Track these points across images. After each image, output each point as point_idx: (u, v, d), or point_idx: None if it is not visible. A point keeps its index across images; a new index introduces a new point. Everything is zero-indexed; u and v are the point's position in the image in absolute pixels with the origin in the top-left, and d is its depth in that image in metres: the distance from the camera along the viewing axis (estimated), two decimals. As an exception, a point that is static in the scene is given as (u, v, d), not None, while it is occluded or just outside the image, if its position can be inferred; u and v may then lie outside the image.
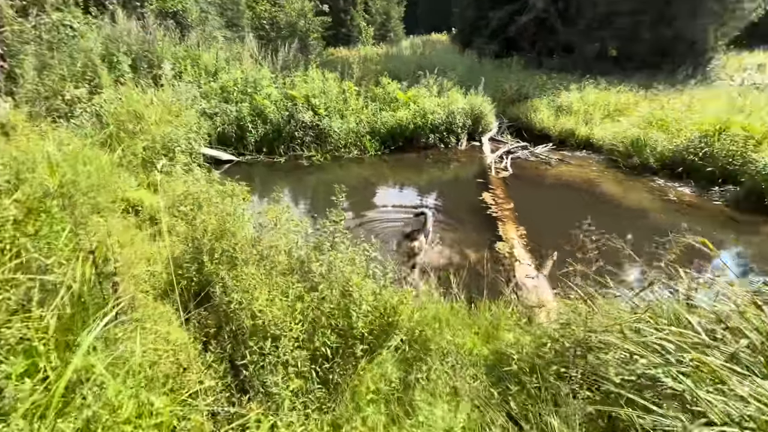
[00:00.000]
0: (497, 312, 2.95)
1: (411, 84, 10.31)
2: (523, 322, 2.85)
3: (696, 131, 7.65)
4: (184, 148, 5.56)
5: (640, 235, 5.77)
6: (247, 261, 2.73)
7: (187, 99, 6.85)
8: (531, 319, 3.12)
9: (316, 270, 2.57)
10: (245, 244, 2.88)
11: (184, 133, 5.75)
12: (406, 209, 5.98)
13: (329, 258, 2.66)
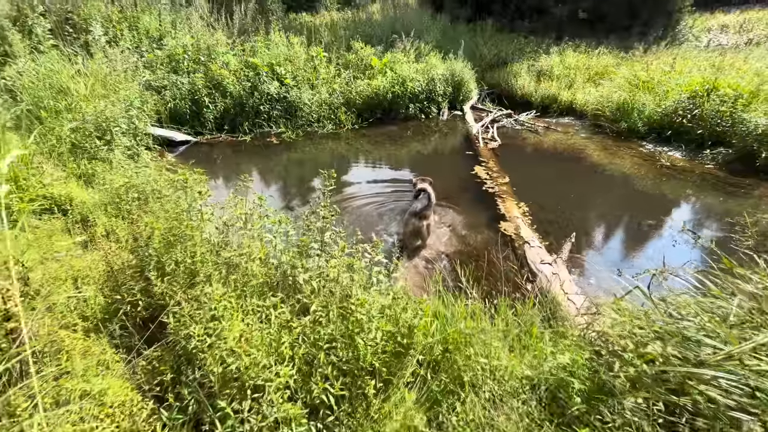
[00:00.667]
0: (523, 313, 2.47)
1: (386, 49, 9.43)
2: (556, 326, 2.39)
3: (684, 92, 7.39)
4: (125, 129, 4.60)
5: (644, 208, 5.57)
6: (210, 276, 2.07)
7: (126, 69, 5.74)
8: (555, 316, 2.68)
9: (303, 283, 1.95)
10: (207, 252, 2.20)
11: (124, 110, 4.76)
12: (394, 187, 5.39)
13: (320, 265, 2.05)
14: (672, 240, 4.43)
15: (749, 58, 9.70)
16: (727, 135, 6.65)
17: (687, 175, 6.12)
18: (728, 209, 5.19)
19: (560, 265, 3.22)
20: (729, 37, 17.64)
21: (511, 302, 2.98)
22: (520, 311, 2.55)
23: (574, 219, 4.67)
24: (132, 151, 4.68)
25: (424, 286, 3.17)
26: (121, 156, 4.02)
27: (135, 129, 4.89)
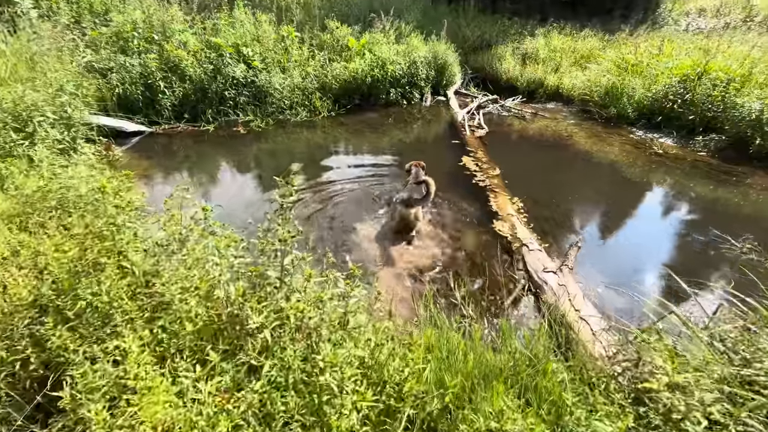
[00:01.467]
0: (531, 343, 2.06)
1: (364, 29, 8.74)
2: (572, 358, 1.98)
3: (675, 76, 7.12)
4: (53, 119, 3.87)
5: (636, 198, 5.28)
6: (133, 321, 1.53)
7: (61, 48, 4.91)
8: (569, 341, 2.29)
9: (256, 327, 1.45)
10: (130, 286, 1.66)
11: (51, 96, 4.00)
12: (374, 180, 4.88)
13: (278, 300, 1.55)
14: (672, 238, 4.14)
15: (733, 42, 9.55)
16: (719, 120, 6.43)
17: (678, 163, 5.87)
18: (718, 197, 4.97)
19: (567, 275, 2.83)
20: (707, 21, 17.65)
21: (513, 323, 2.58)
22: (527, 338, 2.13)
23: (571, 214, 4.31)
24: (65, 145, 3.97)
25: (411, 303, 2.73)
26: (45, 152, 3.33)
27: (69, 118, 4.15)
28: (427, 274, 3.16)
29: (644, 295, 3.06)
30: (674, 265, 3.51)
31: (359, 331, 1.57)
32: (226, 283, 1.63)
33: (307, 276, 1.65)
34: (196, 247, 1.76)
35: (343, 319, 1.57)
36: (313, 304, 1.52)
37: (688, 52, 8.37)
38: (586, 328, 2.26)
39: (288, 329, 1.44)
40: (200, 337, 1.51)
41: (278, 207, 1.68)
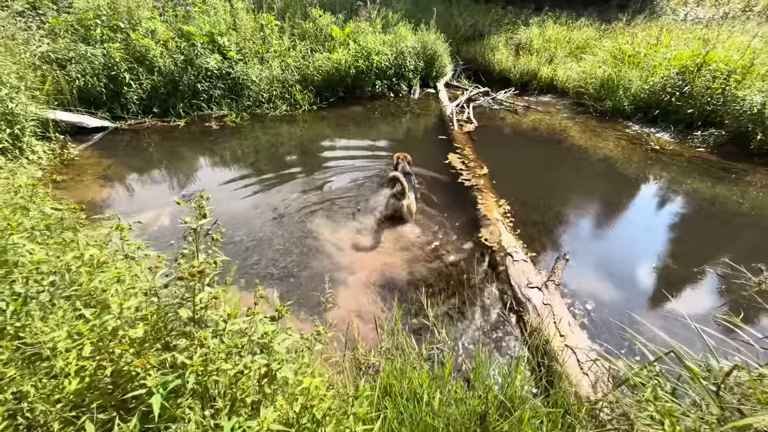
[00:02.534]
0: (508, 380, 1.76)
1: (348, 17, 8.31)
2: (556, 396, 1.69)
3: (673, 67, 6.79)
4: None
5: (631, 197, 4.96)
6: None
7: (4, 37, 4.49)
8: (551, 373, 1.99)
9: (144, 391, 1.13)
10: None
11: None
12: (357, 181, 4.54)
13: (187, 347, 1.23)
14: (669, 245, 3.85)
15: (733, 32, 9.21)
16: (718, 114, 6.13)
17: (676, 160, 5.57)
18: (716, 195, 4.69)
19: (553, 291, 2.53)
20: (705, 11, 17.27)
21: (492, 347, 2.28)
22: (503, 375, 1.83)
23: (561, 218, 4.01)
24: (4, 143, 3.59)
25: (379, 321, 2.42)
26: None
27: (11, 114, 3.77)
28: (398, 288, 2.85)
29: (638, 311, 2.77)
30: (671, 278, 3.23)
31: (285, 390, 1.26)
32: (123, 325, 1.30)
33: (224, 317, 1.33)
34: (96, 277, 1.43)
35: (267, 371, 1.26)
36: (225, 356, 1.21)
37: (686, 42, 8.03)
38: (573, 359, 1.96)
39: (186, 394, 1.13)
40: (82, 401, 1.19)
41: (190, 232, 1.35)
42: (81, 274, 1.42)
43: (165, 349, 1.35)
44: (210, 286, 1.50)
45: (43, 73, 4.93)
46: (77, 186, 3.97)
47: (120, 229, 1.68)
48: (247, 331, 1.39)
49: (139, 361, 1.15)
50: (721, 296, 2.95)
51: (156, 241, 3.13)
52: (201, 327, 1.35)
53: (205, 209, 1.34)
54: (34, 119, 4.16)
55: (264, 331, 1.21)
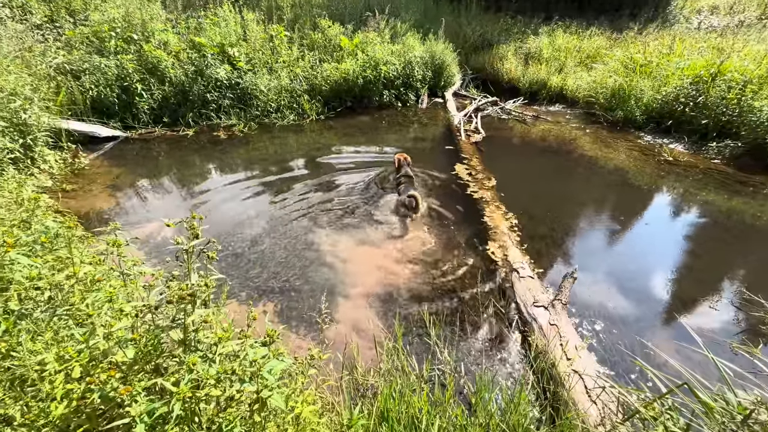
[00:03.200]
0: (510, 407, 1.69)
1: (357, 28, 8.37)
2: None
3: (687, 77, 6.66)
4: (3, 126, 3.56)
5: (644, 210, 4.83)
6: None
7: (21, 49, 4.62)
8: (558, 400, 1.91)
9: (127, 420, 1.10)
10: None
11: (1, 100, 3.68)
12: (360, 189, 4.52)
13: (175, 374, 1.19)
14: (683, 261, 3.72)
15: (749, 40, 9.02)
16: (734, 125, 5.97)
17: (690, 171, 5.42)
18: (732, 208, 4.53)
19: (560, 310, 2.44)
20: (720, 19, 17.03)
21: (495, 370, 2.20)
22: (506, 400, 1.75)
23: (569, 231, 3.91)
24: (16, 153, 3.66)
25: (379, 338, 2.36)
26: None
27: (24, 124, 3.85)
28: (400, 304, 2.79)
29: (650, 332, 2.66)
30: (685, 298, 3.10)
31: (276, 418, 1.21)
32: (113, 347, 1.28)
33: (215, 340, 1.29)
34: (88, 298, 1.41)
35: (257, 398, 1.22)
36: (215, 381, 1.17)
37: (700, 51, 7.89)
38: (580, 385, 1.88)
39: (172, 422, 1.10)
40: (68, 426, 1.16)
41: (182, 253, 1.32)
42: (74, 293, 1.40)
43: (155, 372, 1.32)
44: (206, 305, 1.47)
45: (57, 84, 5.05)
46: (86, 195, 4.02)
47: (117, 245, 1.67)
48: (239, 354, 1.35)
49: (124, 389, 1.12)
50: (738, 322, 2.82)
51: (159, 253, 3.14)
52: (192, 350, 1.32)
53: (197, 230, 1.31)
54: (47, 129, 4.25)
55: (253, 359, 1.17)
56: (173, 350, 1.35)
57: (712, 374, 2.00)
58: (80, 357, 1.26)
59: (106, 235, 1.74)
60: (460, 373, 2.19)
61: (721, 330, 2.71)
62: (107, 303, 1.35)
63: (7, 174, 3.27)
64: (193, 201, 4.20)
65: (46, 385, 1.17)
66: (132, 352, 1.30)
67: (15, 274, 1.43)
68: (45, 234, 1.86)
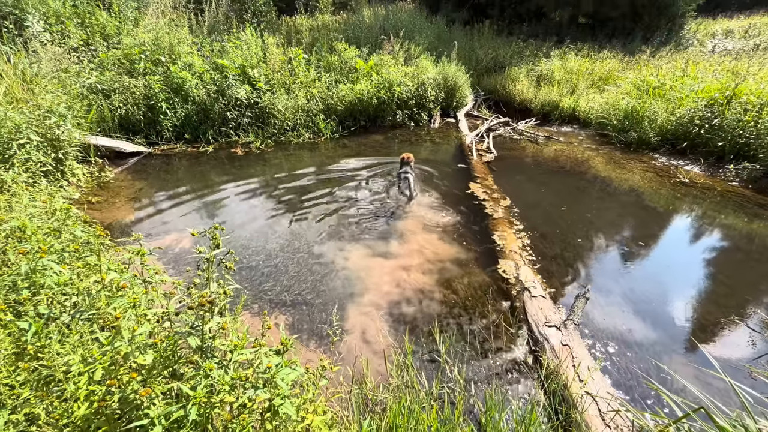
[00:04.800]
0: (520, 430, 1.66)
1: (372, 51, 8.67)
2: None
3: (701, 99, 6.64)
4: (38, 141, 3.79)
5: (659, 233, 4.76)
6: (10, 397, 1.25)
7: (66, 69, 4.93)
8: (570, 423, 1.87)
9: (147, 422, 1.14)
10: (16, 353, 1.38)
11: (38, 117, 3.93)
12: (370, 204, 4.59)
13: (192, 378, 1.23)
14: (698, 284, 3.63)
15: (765, 64, 8.98)
16: (752, 148, 5.89)
17: (708, 194, 5.33)
18: (753, 231, 4.42)
19: (572, 331, 2.41)
20: (735, 42, 17.02)
21: (506, 390, 2.18)
22: (517, 423, 1.73)
23: (581, 252, 3.87)
24: (48, 167, 3.87)
25: (389, 352, 2.36)
26: (22, 175, 3.21)
27: (57, 140, 4.08)
28: (411, 321, 2.79)
29: (667, 356, 2.59)
30: (703, 322, 3.02)
31: (287, 426, 1.23)
32: (134, 351, 1.34)
33: (230, 347, 1.34)
34: (113, 303, 1.48)
35: (269, 406, 1.24)
36: (230, 388, 1.21)
37: (714, 74, 7.88)
38: (593, 407, 1.84)
39: (188, 426, 1.13)
40: (89, 426, 1.21)
41: (203, 262, 1.39)
42: (101, 298, 1.48)
43: (172, 377, 1.37)
44: (221, 314, 1.52)
45: (89, 102, 5.35)
46: (110, 207, 4.19)
47: (141, 254, 1.75)
48: (253, 362, 1.39)
49: (144, 390, 1.16)
50: (756, 346, 2.72)
51: (176, 263, 3.23)
52: (208, 356, 1.36)
53: (219, 240, 1.38)
54: (77, 144, 4.48)
55: (267, 366, 1.21)
56: (190, 357, 1.40)
57: (733, 402, 1.94)
58: (103, 360, 1.32)
59: (130, 244, 1.82)
60: (470, 391, 2.17)
61: (741, 355, 2.62)
62: (131, 309, 1.41)
63: (39, 186, 3.46)
64: (210, 214, 4.32)
65: (70, 386, 1.22)
66: (151, 356, 1.35)
67: (47, 280, 1.52)
68: (74, 242, 1.96)
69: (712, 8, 24.54)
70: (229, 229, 3.99)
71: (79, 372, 1.31)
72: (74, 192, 4.09)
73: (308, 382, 1.49)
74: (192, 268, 1.58)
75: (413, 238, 3.93)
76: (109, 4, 7.62)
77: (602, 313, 2.96)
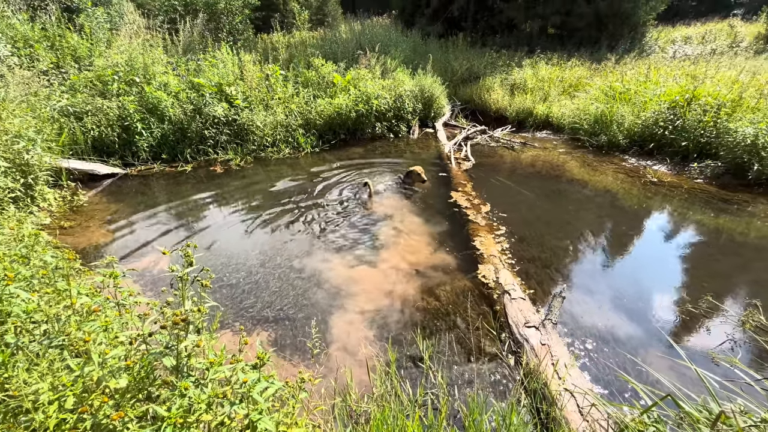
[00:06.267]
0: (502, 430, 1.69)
1: (349, 65, 8.82)
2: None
3: (664, 102, 6.99)
4: (6, 166, 3.68)
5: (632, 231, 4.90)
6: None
7: (27, 94, 4.84)
8: (550, 419, 1.91)
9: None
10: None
11: (5, 142, 3.83)
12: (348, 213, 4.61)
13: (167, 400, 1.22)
14: (672, 279, 3.78)
15: (720, 67, 9.55)
16: (713, 146, 6.22)
17: (675, 191, 5.58)
18: (720, 226, 4.64)
19: (551, 331, 2.47)
20: (693, 48, 18.02)
21: (489, 392, 2.21)
22: (498, 423, 1.76)
23: (558, 253, 3.98)
24: (17, 193, 3.76)
25: (371, 361, 2.36)
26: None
27: (26, 165, 3.98)
28: (395, 329, 2.81)
29: (642, 349, 2.68)
30: (677, 314, 3.14)
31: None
32: (107, 376, 1.31)
33: (207, 365, 1.33)
34: (84, 327, 1.45)
35: (248, 423, 1.24)
36: (206, 406, 1.20)
37: (675, 78, 8.32)
38: (572, 403, 1.89)
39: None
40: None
41: (176, 280, 1.39)
42: (71, 324, 1.45)
43: (148, 399, 1.34)
44: (198, 332, 1.51)
45: (60, 125, 5.24)
46: (84, 231, 4.09)
47: (113, 276, 1.73)
48: (231, 379, 1.38)
49: (116, 414, 1.14)
50: (724, 334, 2.84)
51: (155, 285, 3.17)
52: (184, 376, 1.35)
53: (192, 257, 1.38)
54: (48, 169, 4.38)
55: (243, 380, 1.21)
56: (166, 378, 1.38)
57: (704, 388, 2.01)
58: (74, 387, 1.29)
59: (103, 268, 1.80)
60: (454, 396, 2.19)
61: (710, 343, 2.74)
62: (103, 332, 1.39)
63: (8, 212, 3.36)
64: (189, 234, 4.26)
65: (39, 416, 1.19)
66: (125, 380, 1.33)
67: (14, 308, 1.48)
68: (44, 267, 1.91)
69: (671, 16, 26.12)
70: (209, 246, 3.94)
71: (48, 400, 1.28)
72: (45, 217, 3.98)
73: (288, 396, 1.49)
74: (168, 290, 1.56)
75: (395, 247, 3.96)
76: (80, 26, 7.55)
77: (580, 310, 3.04)
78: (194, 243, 1.45)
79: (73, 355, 1.46)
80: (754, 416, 1.38)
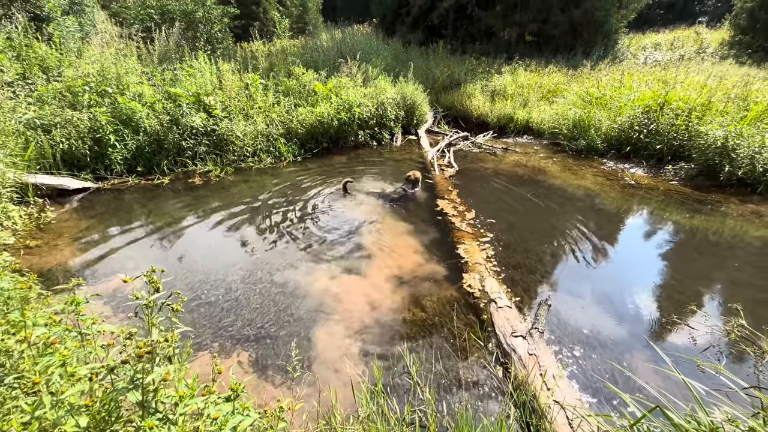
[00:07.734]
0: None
1: (331, 74, 8.78)
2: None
3: (638, 107, 7.20)
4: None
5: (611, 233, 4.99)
6: None
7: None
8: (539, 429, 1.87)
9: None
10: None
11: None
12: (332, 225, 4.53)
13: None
14: (654, 278, 3.84)
15: (689, 72, 9.94)
16: (686, 149, 6.42)
17: (652, 193, 5.72)
18: (695, 226, 4.77)
19: (537, 339, 2.45)
20: (663, 54, 18.74)
21: (478, 405, 2.15)
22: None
23: (543, 259, 3.99)
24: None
25: (357, 380, 2.28)
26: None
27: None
28: (380, 344, 2.73)
29: (629, 355, 2.68)
30: (659, 318, 3.17)
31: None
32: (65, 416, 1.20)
33: (176, 398, 1.23)
34: (40, 362, 1.33)
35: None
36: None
37: (647, 83, 8.60)
38: (562, 415, 1.85)
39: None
40: None
41: (143, 307, 1.29)
42: (25, 359, 1.33)
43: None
44: (170, 360, 1.41)
45: (26, 139, 5.00)
46: (51, 251, 3.88)
47: (75, 303, 1.61)
48: (204, 411, 1.29)
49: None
50: (708, 338, 2.88)
51: (127, 308, 3.01)
52: (150, 412, 1.25)
53: (158, 283, 1.29)
54: (12, 185, 4.15)
55: (214, 417, 1.12)
56: (133, 413, 1.28)
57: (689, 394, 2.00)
58: (27, 430, 1.17)
59: (67, 292, 1.67)
60: (443, 412, 2.13)
61: (694, 347, 2.76)
62: (60, 367, 1.28)
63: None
64: (164, 250, 4.09)
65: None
66: (85, 420, 1.22)
67: (-41, 343, 1.35)
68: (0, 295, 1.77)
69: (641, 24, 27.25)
70: (186, 263, 3.78)
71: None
72: (8, 236, 3.76)
73: (266, 427, 1.40)
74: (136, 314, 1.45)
75: (378, 258, 3.90)
76: (49, 35, 7.29)
77: (566, 317, 3.04)
78: (168, 261, 1.36)
79: (26, 393, 1.34)
80: (741, 425, 1.37)
